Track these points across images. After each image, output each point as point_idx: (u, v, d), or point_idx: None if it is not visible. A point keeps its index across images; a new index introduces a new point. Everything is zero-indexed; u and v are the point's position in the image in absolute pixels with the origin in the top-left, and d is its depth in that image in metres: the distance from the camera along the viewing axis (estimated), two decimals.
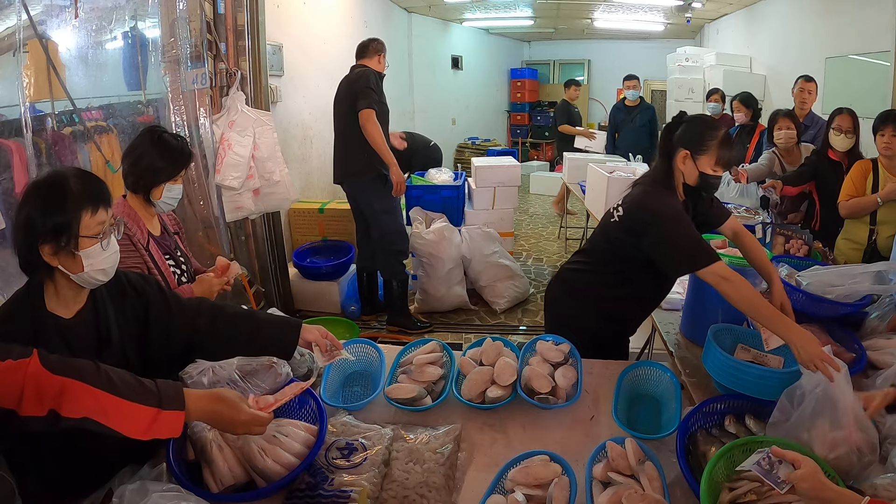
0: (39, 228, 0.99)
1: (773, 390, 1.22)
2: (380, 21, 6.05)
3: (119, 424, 0.91)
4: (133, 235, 1.61)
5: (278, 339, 1.28)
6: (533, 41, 10.34)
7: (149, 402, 0.93)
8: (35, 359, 0.90)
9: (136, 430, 0.92)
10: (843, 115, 2.63)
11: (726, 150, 1.53)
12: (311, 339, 1.29)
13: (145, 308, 1.20)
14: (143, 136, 1.68)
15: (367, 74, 3.05)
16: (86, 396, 0.90)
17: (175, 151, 1.68)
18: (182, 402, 0.96)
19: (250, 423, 1.02)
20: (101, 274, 1.07)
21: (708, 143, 1.52)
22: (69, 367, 0.91)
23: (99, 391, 0.91)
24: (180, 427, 0.96)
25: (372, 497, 1.04)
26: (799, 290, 1.64)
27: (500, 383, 1.37)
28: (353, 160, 3.14)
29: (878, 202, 2.34)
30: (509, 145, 9.77)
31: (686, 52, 6.84)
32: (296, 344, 1.28)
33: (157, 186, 1.66)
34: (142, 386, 0.95)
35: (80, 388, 0.90)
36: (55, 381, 0.89)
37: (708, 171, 1.53)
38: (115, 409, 0.91)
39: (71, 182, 1.02)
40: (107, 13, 2.31)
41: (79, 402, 0.90)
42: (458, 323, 3.66)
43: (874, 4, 3.94)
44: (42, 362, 0.90)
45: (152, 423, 0.93)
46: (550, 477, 1.05)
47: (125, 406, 0.92)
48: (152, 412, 0.93)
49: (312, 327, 1.30)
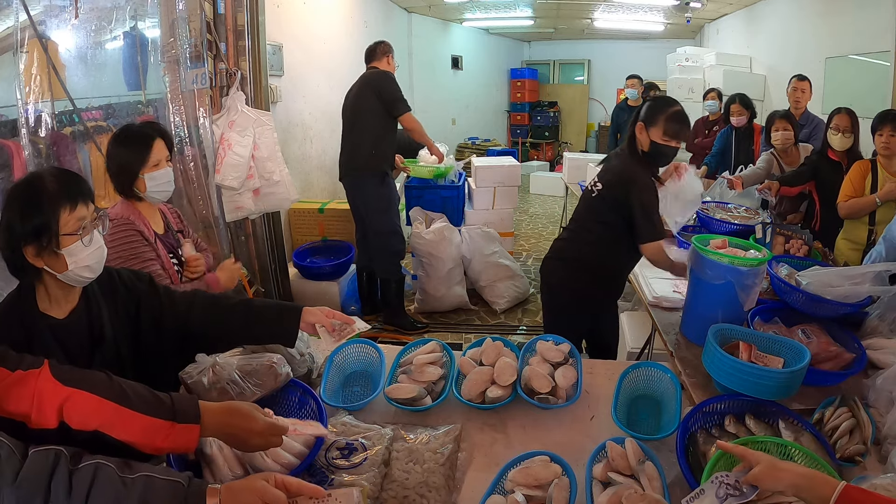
0: (19, 231, 0.99)
1: (773, 390, 1.22)
2: (380, 21, 6.05)
3: (131, 437, 0.89)
4: (143, 231, 1.62)
5: (278, 325, 1.24)
6: (533, 41, 10.35)
7: (163, 416, 0.90)
8: (45, 369, 0.88)
9: (150, 443, 0.90)
10: (842, 115, 2.63)
11: (673, 123, 1.82)
12: (315, 321, 1.25)
13: (137, 305, 1.19)
14: (110, 140, 1.68)
15: (389, 78, 3.19)
16: (96, 407, 0.88)
17: (136, 138, 1.65)
18: (197, 415, 0.93)
19: (266, 432, 0.97)
20: (87, 271, 1.06)
21: (658, 117, 1.82)
22: (80, 379, 0.90)
23: (110, 402, 0.89)
24: (195, 441, 0.93)
25: (372, 497, 1.04)
26: (799, 290, 1.64)
27: (500, 383, 1.37)
28: (358, 156, 3.21)
29: (877, 202, 2.34)
30: (509, 145, 9.77)
31: (686, 52, 6.84)
32: (297, 329, 1.25)
33: (136, 179, 1.63)
34: (156, 399, 0.92)
35: (90, 399, 0.88)
36: (64, 392, 0.87)
37: (658, 140, 1.83)
38: (127, 421, 0.89)
39: (47, 181, 1.02)
40: (106, 13, 2.31)
41: (89, 414, 0.88)
42: (458, 323, 3.66)
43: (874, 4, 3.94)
44: (52, 373, 0.88)
45: (166, 437, 0.90)
46: (550, 478, 1.05)
47: (138, 419, 0.89)
48: (166, 425, 0.90)
49: (315, 309, 1.26)
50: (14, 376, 0.86)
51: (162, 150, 1.68)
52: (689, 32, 8.07)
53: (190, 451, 0.95)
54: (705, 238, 1.75)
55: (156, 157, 1.65)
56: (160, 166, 1.66)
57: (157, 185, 1.66)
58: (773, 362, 1.33)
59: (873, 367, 1.46)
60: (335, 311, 1.28)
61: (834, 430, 1.20)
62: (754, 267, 1.56)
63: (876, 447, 1.18)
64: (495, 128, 9.92)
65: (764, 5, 5.86)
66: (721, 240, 1.76)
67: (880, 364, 1.44)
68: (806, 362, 1.27)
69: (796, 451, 1.03)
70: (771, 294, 1.85)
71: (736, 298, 1.58)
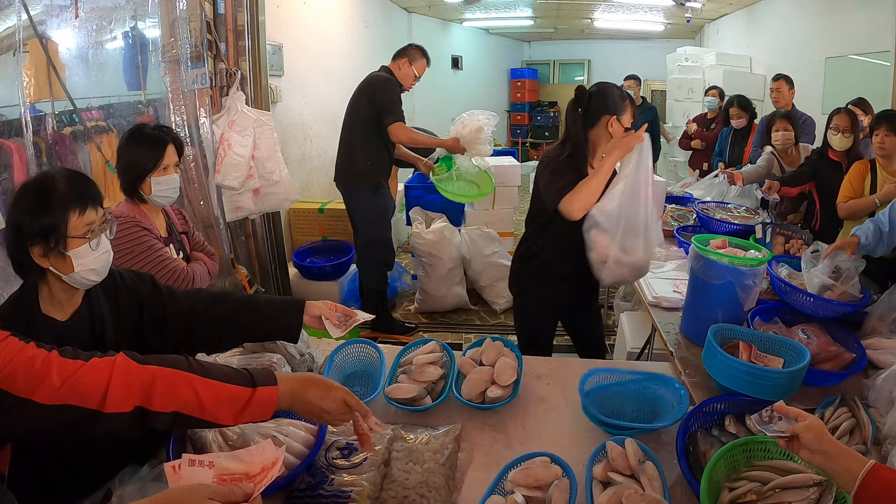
0: (28, 230, 0.99)
1: (773, 390, 1.22)
2: (380, 21, 6.05)
3: (213, 411, 0.91)
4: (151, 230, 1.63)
5: (283, 320, 1.24)
6: (533, 41, 10.34)
7: (243, 383, 0.94)
8: (122, 355, 0.90)
9: (231, 413, 0.92)
10: (841, 115, 2.63)
11: (632, 104, 1.78)
12: (319, 314, 1.25)
13: (140, 305, 1.19)
14: (123, 137, 1.69)
15: (387, 83, 2.96)
16: (178, 383, 0.90)
17: (149, 139, 1.66)
18: (274, 378, 0.97)
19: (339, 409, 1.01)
20: (93, 274, 1.07)
21: (623, 105, 1.74)
22: (158, 359, 0.92)
23: (192, 375, 0.91)
24: (274, 404, 0.95)
25: (372, 497, 1.04)
26: (799, 291, 1.65)
27: (500, 383, 1.37)
28: (353, 166, 3.08)
29: (876, 203, 2.34)
30: (509, 145, 9.78)
31: (686, 52, 6.84)
32: (300, 324, 1.25)
33: (143, 181, 1.65)
34: (233, 370, 0.96)
35: (173, 374, 0.90)
36: (145, 370, 0.89)
37: (629, 127, 1.75)
38: (210, 393, 0.91)
39: (58, 183, 1.02)
40: (107, 13, 2.31)
41: (172, 392, 0.89)
42: (458, 323, 3.66)
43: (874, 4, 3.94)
44: (130, 357, 0.90)
45: (247, 404, 0.93)
46: (551, 479, 1.05)
47: (221, 388, 0.92)
48: (247, 392, 0.93)
49: (318, 302, 1.27)
50: (89, 363, 0.87)
51: (172, 155, 1.70)
52: (689, 32, 8.07)
53: (267, 417, 0.97)
54: (705, 238, 1.75)
55: (166, 161, 1.68)
56: (168, 171, 1.68)
57: (163, 190, 1.68)
58: (773, 362, 1.33)
59: (873, 367, 1.46)
60: (337, 304, 1.29)
61: (834, 430, 1.20)
62: (754, 267, 1.56)
63: (876, 447, 1.18)
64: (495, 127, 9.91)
65: (764, 5, 5.86)
66: (721, 240, 1.76)
67: (880, 364, 1.45)
68: (806, 362, 1.27)
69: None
70: (771, 294, 1.85)
71: (736, 298, 1.58)
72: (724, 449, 1.04)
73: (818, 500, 0.91)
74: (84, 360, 0.88)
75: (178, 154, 1.73)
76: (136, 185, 1.65)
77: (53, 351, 0.87)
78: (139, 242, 1.61)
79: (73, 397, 0.84)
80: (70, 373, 0.85)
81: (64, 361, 0.86)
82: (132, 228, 1.61)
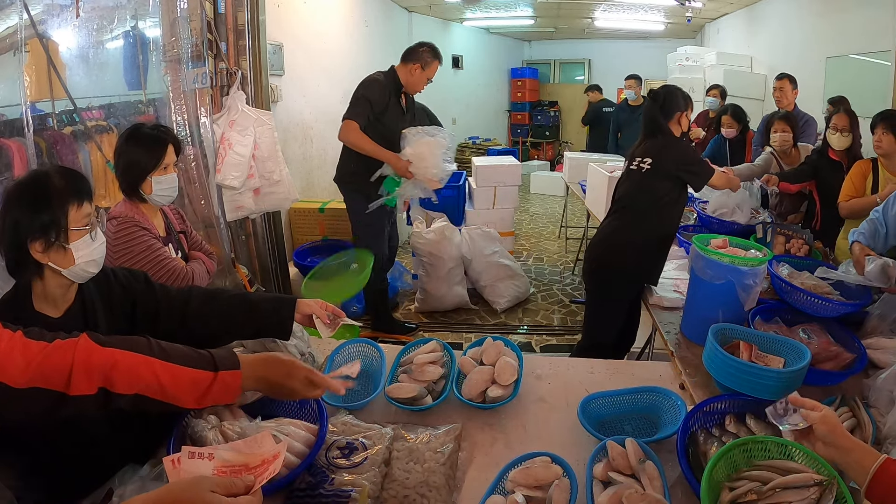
0: (27, 227, 1.00)
1: (773, 390, 1.21)
2: (380, 20, 6.05)
3: (175, 394, 0.91)
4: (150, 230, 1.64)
5: (273, 316, 1.25)
6: (533, 41, 10.34)
7: (204, 367, 0.94)
8: (85, 336, 0.90)
9: (193, 397, 0.92)
10: (840, 114, 2.63)
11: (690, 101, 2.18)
12: (310, 312, 1.27)
13: (132, 303, 1.20)
14: (121, 137, 1.69)
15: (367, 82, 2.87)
16: (139, 367, 0.90)
17: (150, 139, 1.67)
18: (237, 361, 0.97)
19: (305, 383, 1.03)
20: (93, 265, 1.09)
21: (687, 103, 2.16)
22: (120, 340, 0.92)
23: (153, 359, 0.91)
24: (238, 388, 0.96)
25: (372, 497, 1.04)
26: (800, 290, 1.65)
27: (501, 383, 1.37)
28: (345, 168, 3.06)
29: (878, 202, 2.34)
30: (510, 145, 9.78)
31: (686, 51, 6.84)
32: (292, 320, 1.26)
33: (143, 180, 1.65)
34: (195, 353, 0.96)
35: (133, 358, 0.90)
36: (106, 353, 0.89)
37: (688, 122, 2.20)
38: (171, 376, 0.91)
39: (54, 178, 1.04)
40: (107, 13, 2.32)
41: (132, 375, 0.89)
42: (458, 322, 3.66)
43: (874, 4, 3.94)
44: (92, 339, 0.90)
45: (209, 388, 0.93)
46: (551, 479, 1.05)
47: (181, 372, 0.92)
48: (209, 376, 0.93)
49: (310, 300, 1.29)
50: (52, 345, 0.87)
51: (172, 154, 1.71)
52: (690, 32, 8.07)
53: (232, 401, 0.98)
54: (706, 238, 1.75)
55: (167, 160, 1.69)
56: (168, 170, 1.69)
57: (163, 189, 1.69)
58: (773, 362, 1.33)
59: (873, 366, 1.46)
60: (327, 304, 1.31)
61: None
62: (755, 267, 1.57)
63: (876, 447, 1.18)
64: (496, 127, 9.92)
65: (765, 5, 5.86)
66: (722, 239, 1.76)
67: (880, 364, 1.44)
68: (806, 362, 1.27)
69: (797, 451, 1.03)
70: (771, 294, 1.85)
71: (736, 298, 1.58)
72: (725, 449, 1.04)
73: (818, 499, 0.91)
74: (48, 340, 0.88)
75: (177, 153, 1.74)
76: (136, 185, 1.65)
77: (18, 331, 0.87)
78: (138, 242, 1.61)
79: (41, 380, 0.85)
80: (34, 353, 0.86)
81: (28, 342, 0.86)
82: (131, 228, 1.61)
